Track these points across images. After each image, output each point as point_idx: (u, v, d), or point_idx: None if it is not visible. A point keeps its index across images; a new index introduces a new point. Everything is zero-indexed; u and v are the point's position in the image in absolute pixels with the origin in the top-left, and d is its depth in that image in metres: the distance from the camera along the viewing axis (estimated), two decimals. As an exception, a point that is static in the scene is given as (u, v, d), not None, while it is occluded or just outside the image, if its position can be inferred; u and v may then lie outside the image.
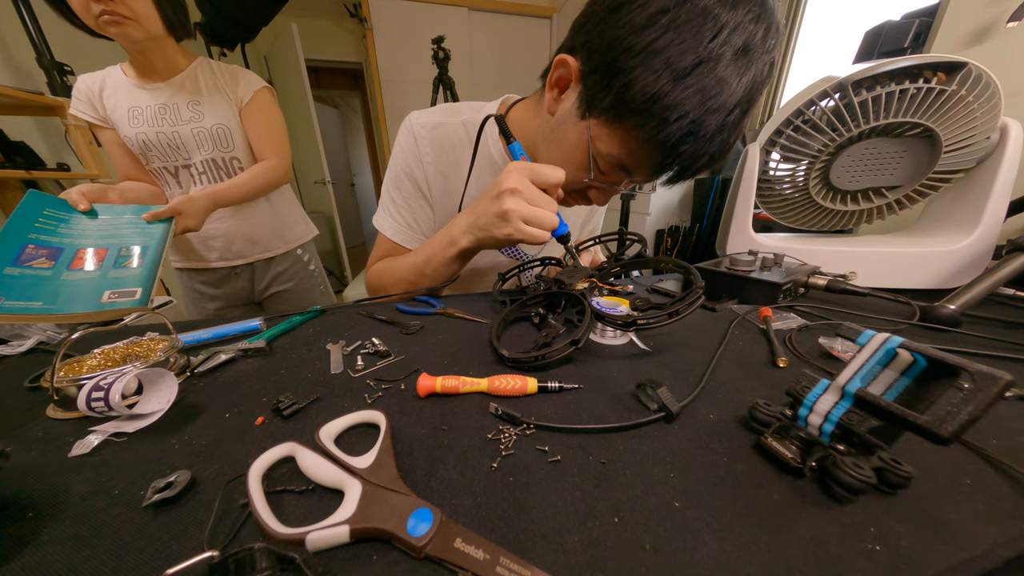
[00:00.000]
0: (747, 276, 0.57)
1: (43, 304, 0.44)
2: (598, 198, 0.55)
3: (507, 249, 0.67)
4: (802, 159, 0.67)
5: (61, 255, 0.51)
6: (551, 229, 0.48)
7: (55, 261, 0.50)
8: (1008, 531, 0.21)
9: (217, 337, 0.47)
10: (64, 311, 0.45)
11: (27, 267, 0.47)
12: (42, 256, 0.49)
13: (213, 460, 0.27)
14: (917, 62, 0.55)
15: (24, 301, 0.43)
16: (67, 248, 0.52)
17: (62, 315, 0.45)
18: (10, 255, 0.47)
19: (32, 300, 0.44)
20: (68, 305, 0.46)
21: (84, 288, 0.48)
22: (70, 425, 0.31)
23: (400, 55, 3.11)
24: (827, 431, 0.24)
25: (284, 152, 0.98)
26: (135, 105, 0.84)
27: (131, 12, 0.72)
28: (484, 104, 0.65)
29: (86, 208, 0.59)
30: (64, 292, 0.47)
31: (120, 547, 0.21)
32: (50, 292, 0.46)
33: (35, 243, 0.50)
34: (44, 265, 0.48)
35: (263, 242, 1.03)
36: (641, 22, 0.37)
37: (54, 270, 0.49)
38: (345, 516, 0.21)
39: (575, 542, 0.21)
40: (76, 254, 0.52)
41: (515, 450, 0.27)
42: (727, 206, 0.77)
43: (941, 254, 0.62)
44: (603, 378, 0.37)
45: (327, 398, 0.34)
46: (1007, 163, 0.57)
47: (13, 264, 0.46)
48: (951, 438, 0.19)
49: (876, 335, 0.25)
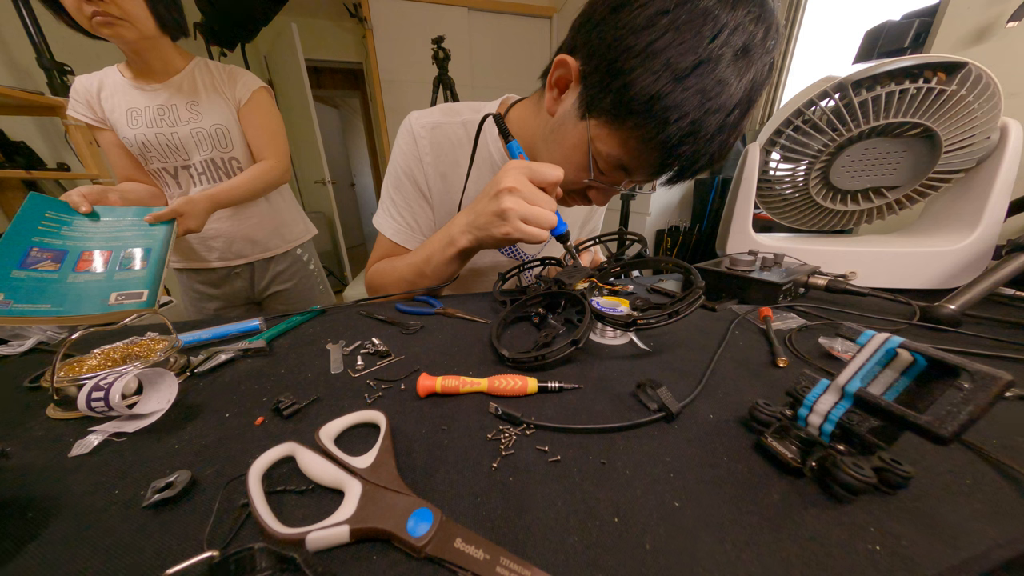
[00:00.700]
0: (747, 276, 0.57)
1: (51, 307, 0.45)
2: (598, 198, 0.55)
3: (507, 249, 0.67)
4: (802, 159, 0.67)
5: (66, 257, 0.51)
6: (550, 228, 0.48)
7: (60, 264, 0.50)
8: (1008, 531, 0.21)
9: (217, 337, 0.47)
10: (73, 313, 0.45)
11: (33, 270, 0.47)
12: (47, 259, 0.49)
13: (213, 460, 0.27)
14: (917, 62, 0.55)
15: (32, 304, 0.44)
16: (71, 250, 0.52)
17: (71, 317, 0.45)
18: (15, 258, 0.47)
19: (40, 303, 0.44)
20: (76, 307, 0.46)
21: (91, 290, 0.49)
22: (70, 425, 0.31)
23: (400, 55, 3.11)
24: (827, 431, 0.24)
25: (283, 152, 0.98)
26: (133, 106, 0.84)
27: (123, 12, 0.71)
28: (484, 104, 0.65)
29: (87, 210, 0.59)
30: (71, 294, 0.47)
31: (120, 547, 0.21)
32: (57, 295, 0.46)
33: (39, 246, 0.50)
34: (50, 268, 0.48)
35: (263, 242, 1.03)
36: (641, 23, 0.37)
37: (60, 273, 0.49)
38: (345, 516, 0.21)
39: (575, 542, 0.21)
40: (81, 256, 0.52)
41: (515, 450, 0.27)
42: (727, 206, 0.77)
43: (941, 254, 0.62)
44: (603, 378, 0.37)
45: (327, 398, 0.34)
46: (1007, 163, 0.57)
47: (19, 267, 0.46)
48: (951, 438, 0.19)
49: (876, 335, 0.25)
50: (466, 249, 0.54)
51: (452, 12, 3.14)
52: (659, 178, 0.48)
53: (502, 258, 0.70)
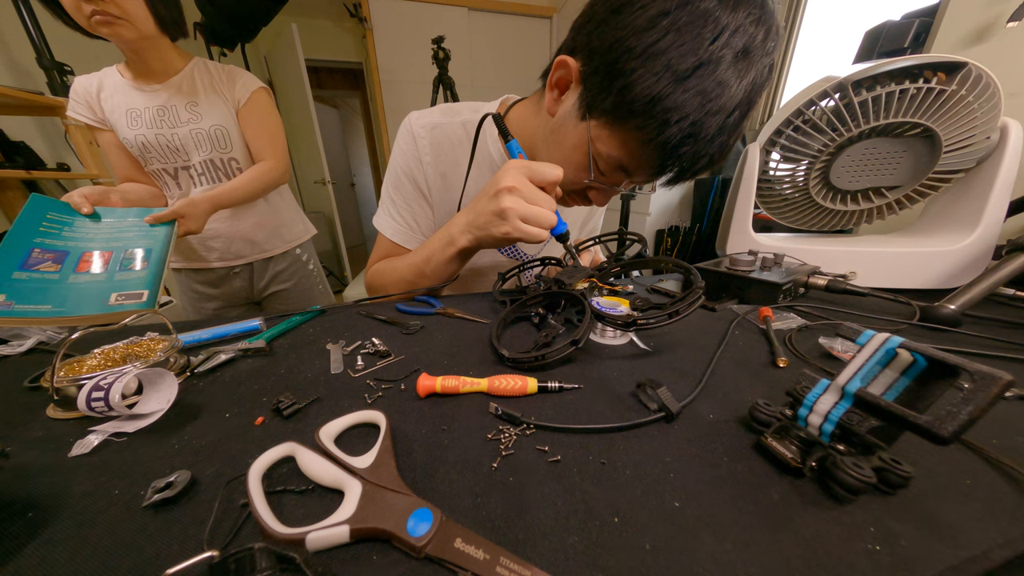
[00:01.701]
0: (747, 276, 0.57)
1: (52, 307, 0.45)
2: (598, 199, 0.55)
3: (506, 249, 0.67)
4: (802, 159, 0.67)
5: (67, 258, 0.51)
6: (549, 227, 0.48)
7: (61, 264, 0.50)
8: (1008, 531, 0.21)
9: (217, 337, 0.47)
10: (73, 313, 0.46)
11: (35, 271, 0.47)
12: (48, 260, 0.49)
13: (213, 460, 0.27)
14: (917, 62, 0.55)
15: (34, 305, 0.44)
16: (72, 251, 0.53)
17: (72, 317, 0.45)
18: (17, 260, 0.47)
19: (41, 304, 0.44)
20: (77, 308, 0.46)
21: (91, 291, 0.49)
22: (70, 425, 0.31)
23: (400, 55, 3.11)
24: (827, 431, 0.24)
25: (282, 153, 0.98)
26: (133, 107, 0.84)
27: (122, 12, 0.71)
28: (484, 104, 0.65)
29: (89, 211, 0.59)
30: (72, 295, 0.47)
31: (120, 547, 0.21)
32: (58, 295, 0.46)
33: (41, 247, 0.50)
34: (51, 269, 0.49)
35: (262, 242, 1.03)
36: (642, 24, 0.37)
37: (61, 273, 0.49)
38: (345, 516, 0.21)
39: (575, 542, 0.21)
40: (82, 257, 0.52)
41: (515, 450, 0.27)
42: (727, 206, 0.77)
43: (941, 254, 0.62)
44: (603, 378, 0.37)
45: (327, 398, 0.34)
46: (1007, 163, 0.57)
47: (20, 268, 0.47)
48: (951, 438, 0.19)
49: (876, 335, 0.25)
50: (466, 249, 0.54)
51: (452, 12, 3.14)
52: (659, 179, 0.48)
53: (502, 258, 0.70)
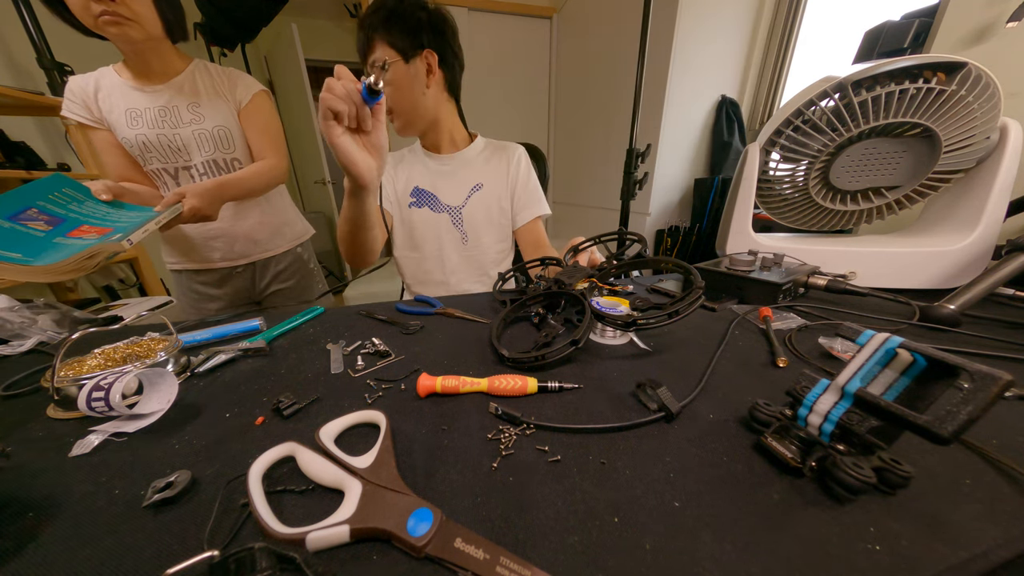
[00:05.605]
0: (747, 276, 0.57)
1: (22, 256, 0.44)
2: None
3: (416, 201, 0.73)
4: (802, 159, 0.67)
5: (62, 225, 0.52)
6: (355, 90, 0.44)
7: (52, 227, 0.50)
8: (1008, 531, 0.21)
9: (217, 337, 0.47)
10: (40, 263, 0.44)
11: (20, 224, 0.48)
12: (41, 220, 0.50)
13: (213, 460, 0.27)
14: (917, 62, 0.55)
15: (4, 251, 0.43)
16: (69, 220, 0.53)
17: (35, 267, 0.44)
18: (9, 210, 0.48)
19: (12, 251, 0.44)
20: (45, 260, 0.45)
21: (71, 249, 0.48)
22: (70, 425, 0.31)
23: (400, 55, 3.11)
24: (827, 431, 0.24)
25: (283, 152, 0.98)
26: (133, 107, 0.84)
27: (132, 13, 0.72)
28: None
29: (108, 199, 0.61)
30: (50, 251, 0.47)
31: (120, 547, 0.21)
32: (34, 248, 0.46)
33: (40, 209, 0.51)
34: (39, 227, 0.49)
35: (265, 241, 1.03)
36: None
37: (48, 234, 0.49)
38: (345, 516, 0.21)
39: (575, 542, 0.21)
40: (79, 227, 0.53)
41: (515, 450, 0.27)
42: (727, 206, 0.77)
43: (941, 254, 0.62)
44: (603, 378, 0.37)
45: (327, 398, 0.34)
46: (1007, 163, 0.57)
47: (8, 218, 0.47)
48: (951, 438, 0.19)
49: (876, 335, 0.25)
50: (349, 183, 0.52)
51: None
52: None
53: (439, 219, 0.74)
